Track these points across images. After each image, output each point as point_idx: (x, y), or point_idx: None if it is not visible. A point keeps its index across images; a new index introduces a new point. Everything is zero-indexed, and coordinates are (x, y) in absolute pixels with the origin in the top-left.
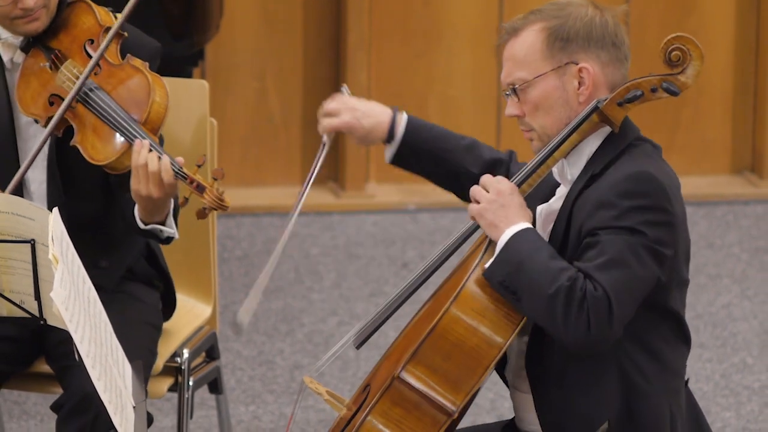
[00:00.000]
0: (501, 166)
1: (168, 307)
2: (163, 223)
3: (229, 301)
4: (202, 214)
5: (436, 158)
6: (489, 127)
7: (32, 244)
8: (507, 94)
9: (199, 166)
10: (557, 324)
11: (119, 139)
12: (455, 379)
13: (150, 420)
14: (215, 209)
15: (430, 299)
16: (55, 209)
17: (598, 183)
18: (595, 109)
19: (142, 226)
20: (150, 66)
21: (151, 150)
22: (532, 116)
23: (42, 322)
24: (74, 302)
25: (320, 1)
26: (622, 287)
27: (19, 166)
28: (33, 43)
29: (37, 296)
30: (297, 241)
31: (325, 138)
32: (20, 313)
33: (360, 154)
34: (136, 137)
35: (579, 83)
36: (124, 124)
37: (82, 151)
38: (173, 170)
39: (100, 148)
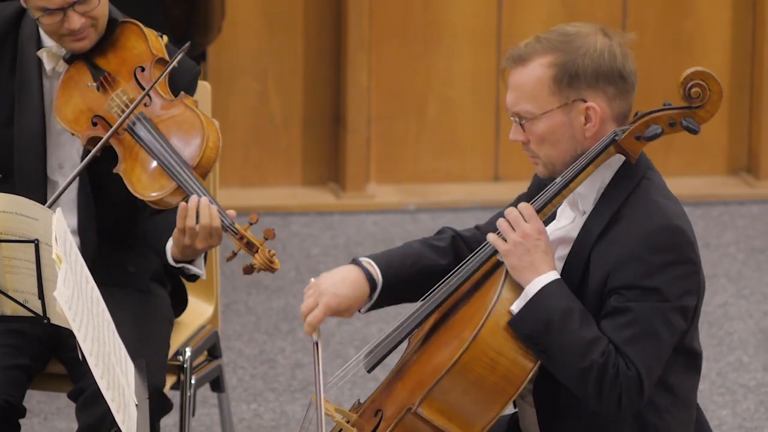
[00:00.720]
0: (461, 243)
1: (178, 306)
2: (191, 262)
3: (231, 300)
4: (249, 270)
5: (418, 276)
6: (488, 127)
7: (36, 243)
8: (513, 120)
9: (251, 224)
10: (588, 396)
11: (167, 178)
12: (471, 415)
13: (169, 407)
14: (264, 270)
15: (444, 319)
16: (59, 209)
17: (621, 228)
18: (612, 141)
19: (173, 263)
20: (191, 90)
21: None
22: (538, 147)
23: (45, 321)
24: (77, 301)
25: (321, 3)
26: (653, 359)
27: (45, 172)
28: (78, 56)
29: (41, 295)
30: (298, 240)
31: (315, 336)
32: (24, 312)
33: (360, 155)
34: (187, 186)
35: (585, 119)
36: (176, 167)
37: (125, 181)
38: (223, 225)
39: (146, 183)
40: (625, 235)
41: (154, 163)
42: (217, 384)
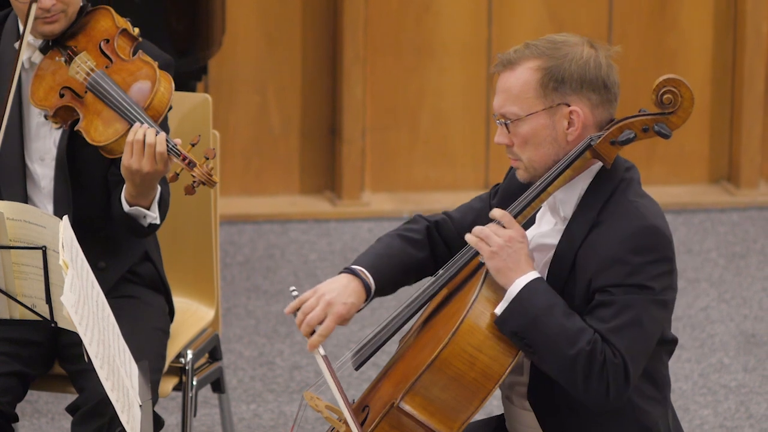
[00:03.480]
0: (434, 234)
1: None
2: (147, 208)
3: (231, 304)
4: (190, 189)
5: (403, 274)
6: (478, 138)
7: (44, 250)
8: (498, 123)
9: (193, 145)
10: (576, 385)
11: (122, 122)
12: (452, 410)
13: (161, 424)
14: (204, 183)
15: (429, 319)
16: (65, 217)
17: (602, 232)
18: (588, 146)
19: (126, 207)
20: None
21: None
22: (521, 149)
23: (53, 325)
24: (83, 306)
25: (318, 19)
26: (638, 349)
27: (24, 164)
28: (52, 46)
29: (48, 300)
30: (296, 246)
31: (321, 351)
32: (32, 316)
33: (356, 165)
34: (137, 120)
35: (568, 124)
36: (128, 107)
37: (84, 135)
38: (168, 146)
39: (102, 130)
40: (606, 239)
41: (110, 111)
42: (217, 385)
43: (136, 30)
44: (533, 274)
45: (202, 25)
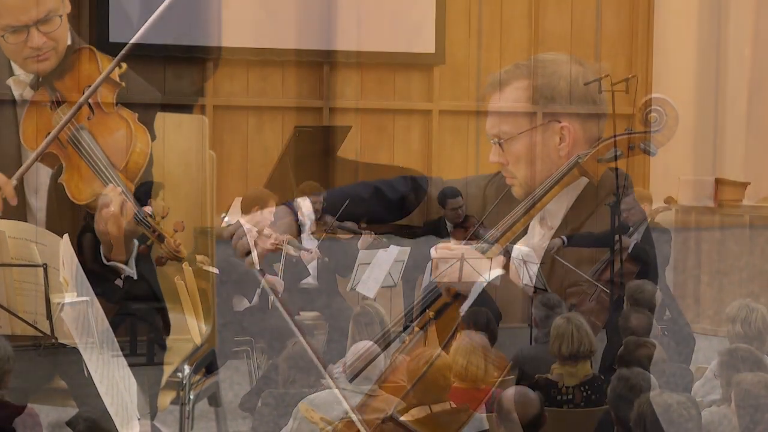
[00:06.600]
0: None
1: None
2: (125, 263)
3: (227, 320)
4: (159, 261)
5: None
6: (470, 155)
7: (44, 268)
8: (492, 142)
9: (162, 218)
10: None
11: (99, 182)
12: (443, 420)
13: None
14: (171, 259)
15: (420, 333)
16: (66, 235)
17: (575, 240)
18: (576, 164)
19: (104, 261)
20: (147, 113)
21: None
22: (515, 167)
23: (54, 340)
24: (83, 321)
25: (310, 41)
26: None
27: (23, 193)
28: (42, 83)
29: (49, 316)
30: (291, 262)
31: (257, 265)
32: (34, 332)
33: (349, 182)
34: (112, 183)
35: (560, 139)
36: (105, 170)
37: (66, 190)
38: (137, 218)
39: (82, 188)
40: (579, 241)
41: (89, 170)
42: (214, 399)
43: (124, 66)
44: (496, 272)
45: (198, 48)
